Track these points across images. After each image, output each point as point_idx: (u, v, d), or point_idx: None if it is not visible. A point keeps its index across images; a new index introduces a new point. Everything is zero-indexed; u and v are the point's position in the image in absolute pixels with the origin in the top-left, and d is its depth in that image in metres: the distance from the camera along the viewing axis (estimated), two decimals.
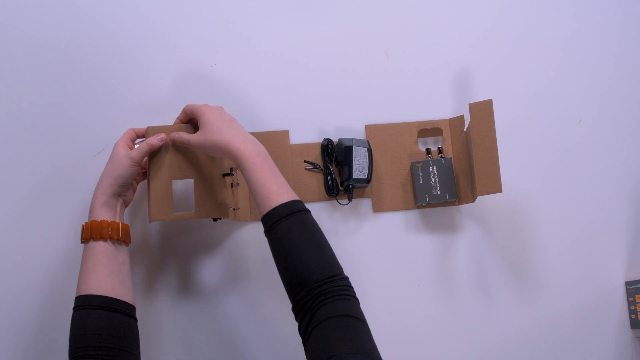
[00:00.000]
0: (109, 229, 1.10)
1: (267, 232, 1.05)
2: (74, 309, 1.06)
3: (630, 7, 1.43)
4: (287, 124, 1.33)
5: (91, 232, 1.09)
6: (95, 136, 1.29)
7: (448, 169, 1.30)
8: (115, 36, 1.33)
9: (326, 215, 1.31)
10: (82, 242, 1.11)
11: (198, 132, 1.14)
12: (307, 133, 1.34)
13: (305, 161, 1.32)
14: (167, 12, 1.35)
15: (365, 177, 1.28)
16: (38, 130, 1.29)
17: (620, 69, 1.41)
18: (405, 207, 1.32)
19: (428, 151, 1.33)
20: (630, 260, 1.34)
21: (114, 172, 1.13)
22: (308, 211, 1.07)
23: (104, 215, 1.11)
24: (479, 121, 1.22)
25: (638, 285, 1.30)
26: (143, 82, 1.32)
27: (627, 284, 1.32)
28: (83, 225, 1.11)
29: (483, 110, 1.22)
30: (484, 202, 1.31)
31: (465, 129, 1.30)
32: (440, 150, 1.32)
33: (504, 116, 1.33)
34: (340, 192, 1.30)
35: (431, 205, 1.31)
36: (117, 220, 1.12)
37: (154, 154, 1.17)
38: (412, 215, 1.32)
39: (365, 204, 1.32)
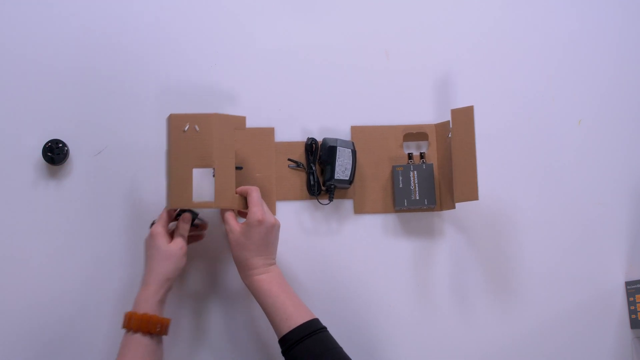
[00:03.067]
0: (166, 327, 1.12)
1: (286, 353, 1.09)
2: None
3: (630, 7, 1.41)
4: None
5: (148, 327, 1.09)
6: (94, 136, 1.30)
7: (429, 174, 1.29)
8: (114, 36, 1.34)
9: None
10: (126, 329, 1.10)
11: (241, 231, 1.15)
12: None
13: (289, 159, 1.32)
14: (167, 13, 1.36)
15: (347, 178, 1.27)
16: (37, 129, 1.30)
17: (620, 69, 1.40)
18: (384, 210, 1.32)
19: (410, 156, 1.32)
20: (630, 260, 1.33)
21: (169, 269, 1.14)
22: (325, 329, 1.11)
23: (157, 311, 1.12)
24: (460, 127, 1.22)
25: (638, 285, 1.29)
26: (142, 83, 1.33)
27: (627, 284, 1.32)
28: (130, 314, 1.10)
29: (464, 117, 1.21)
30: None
31: (449, 135, 1.28)
32: (422, 156, 1.32)
33: (504, 116, 1.33)
34: (322, 191, 1.30)
35: (409, 210, 1.31)
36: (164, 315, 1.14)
37: (175, 140, 1.16)
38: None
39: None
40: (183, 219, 1.19)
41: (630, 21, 1.41)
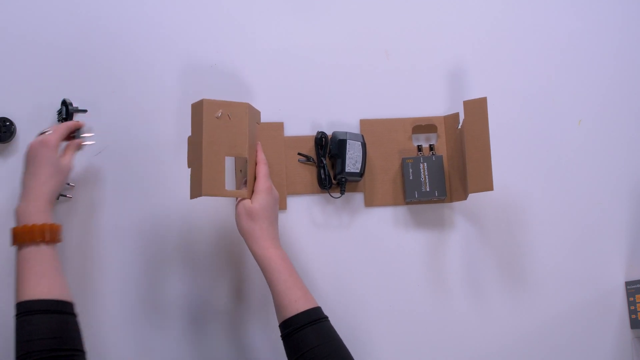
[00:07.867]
0: (59, 232, 1.09)
1: (287, 336, 1.08)
2: (17, 315, 1.03)
3: (630, 7, 1.43)
4: (281, 116, 1.34)
5: (43, 235, 1.07)
6: (95, 136, 1.28)
7: (438, 166, 1.30)
8: (115, 36, 1.34)
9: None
10: (19, 244, 1.07)
11: (257, 199, 1.13)
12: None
13: (299, 153, 1.32)
14: (168, 12, 1.36)
15: (358, 170, 1.28)
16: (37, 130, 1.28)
17: (620, 69, 1.41)
18: (395, 203, 1.32)
19: (419, 148, 1.33)
20: (630, 260, 1.34)
21: (61, 185, 1.14)
22: (327, 318, 1.10)
23: (47, 219, 1.09)
24: (473, 119, 1.22)
25: (638, 285, 1.30)
26: (143, 83, 1.33)
27: (627, 284, 1.32)
28: (19, 229, 1.07)
29: (477, 108, 1.22)
30: (482, 200, 1.31)
31: (459, 127, 1.30)
32: (431, 148, 1.32)
33: (504, 116, 1.33)
34: (333, 185, 1.30)
35: (420, 202, 1.32)
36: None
37: (208, 126, 1.13)
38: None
39: (358, 198, 1.32)
40: (81, 140, 1.23)
41: (630, 21, 1.43)
